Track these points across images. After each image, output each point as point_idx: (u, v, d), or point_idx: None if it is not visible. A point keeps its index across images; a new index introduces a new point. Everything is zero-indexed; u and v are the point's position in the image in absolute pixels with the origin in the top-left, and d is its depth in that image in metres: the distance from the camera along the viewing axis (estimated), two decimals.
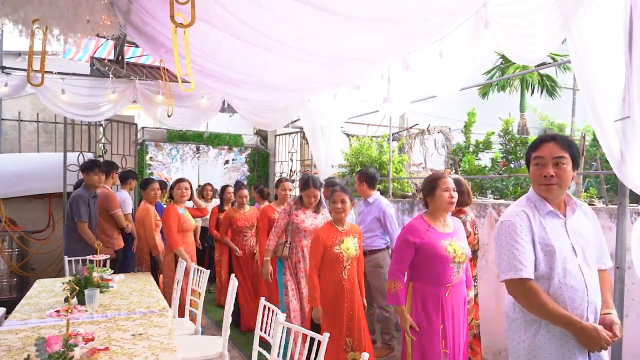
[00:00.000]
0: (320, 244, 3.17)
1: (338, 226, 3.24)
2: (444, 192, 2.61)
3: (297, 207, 3.79)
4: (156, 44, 3.72)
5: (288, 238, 3.78)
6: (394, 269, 2.65)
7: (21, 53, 9.81)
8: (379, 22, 2.90)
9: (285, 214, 3.79)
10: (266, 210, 4.39)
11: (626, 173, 2.19)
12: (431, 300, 2.57)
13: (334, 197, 3.21)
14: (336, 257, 3.15)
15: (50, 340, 1.83)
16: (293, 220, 3.75)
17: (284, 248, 3.77)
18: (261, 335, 2.59)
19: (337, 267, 3.16)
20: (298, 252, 3.77)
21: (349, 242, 3.20)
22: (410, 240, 2.58)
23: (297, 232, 3.75)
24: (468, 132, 7.13)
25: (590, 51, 2.29)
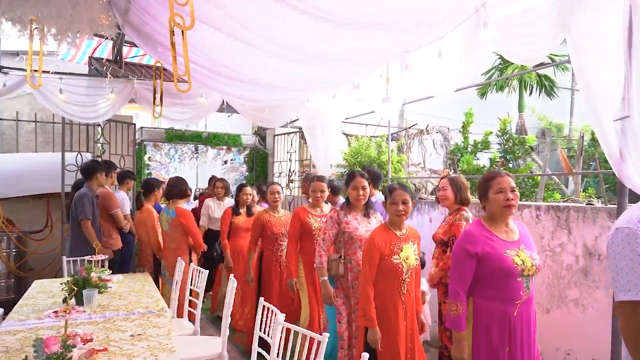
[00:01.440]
0: (376, 251, 2.64)
1: (396, 230, 2.72)
2: (498, 194, 2.25)
3: (346, 212, 3.15)
4: (154, 43, 3.71)
5: (341, 252, 3.11)
6: (455, 287, 2.25)
7: (19, 53, 9.78)
8: (378, 24, 2.91)
9: (334, 222, 3.13)
10: (298, 212, 3.72)
11: (625, 173, 2.19)
12: (497, 321, 2.18)
13: (394, 197, 2.70)
14: (394, 269, 2.63)
15: (48, 341, 1.82)
16: (344, 229, 3.09)
17: (339, 265, 3.09)
18: (260, 335, 2.58)
19: (395, 280, 2.64)
20: (354, 268, 3.07)
21: (409, 250, 2.69)
22: (471, 251, 2.21)
23: (350, 242, 3.07)
24: (466, 132, 7.14)
25: (590, 50, 2.29)
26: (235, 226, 4.76)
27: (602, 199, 3.74)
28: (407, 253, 2.67)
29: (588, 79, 2.30)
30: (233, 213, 4.78)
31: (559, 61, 9.84)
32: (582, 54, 2.31)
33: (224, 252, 4.70)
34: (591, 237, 3.04)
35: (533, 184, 6.23)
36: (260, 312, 2.60)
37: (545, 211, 3.36)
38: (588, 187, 7.10)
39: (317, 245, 3.16)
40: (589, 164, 8.10)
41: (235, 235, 4.76)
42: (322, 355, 1.99)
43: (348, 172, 3.27)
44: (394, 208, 2.70)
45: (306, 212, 3.70)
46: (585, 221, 3.08)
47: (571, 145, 10.83)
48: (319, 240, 3.17)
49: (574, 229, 3.15)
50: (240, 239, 4.75)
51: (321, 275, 3.11)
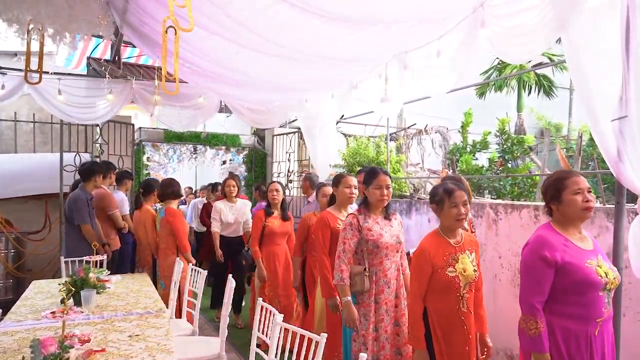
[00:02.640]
0: (427, 263, 2.28)
1: (450, 238, 2.35)
2: (576, 196, 1.97)
3: (366, 217, 2.78)
4: (152, 43, 3.70)
5: (365, 263, 2.72)
6: (531, 300, 1.93)
7: (17, 53, 9.76)
8: (378, 24, 2.91)
9: (354, 229, 2.73)
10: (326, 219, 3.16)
11: (623, 173, 2.19)
12: (575, 343, 1.90)
13: (455, 200, 2.30)
14: (450, 283, 2.27)
15: (46, 342, 1.81)
16: (367, 237, 2.71)
17: (364, 279, 2.70)
18: (259, 336, 2.58)
19: (452, 296, 2.28)
20: (380, 280, 2.72)
21: (466, 261, 2.32)
22: (549, 259, 1.90)
23: (376, 252, 2.71)
24: (465, 132, 7.15)
25: (587, 50, 2.29)
26: (270, 231, 4.21)
27: (601, 199, 3.74)
28: (464, 264, 2.30)
29: (585, 79, 2.30)
30: (265, 215, 4.26)
31: (558, 61, 9.85)
32: (578, 54, 2.31)
33: (256, 261, 4.20)
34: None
35: (532, 184, 6.23)
36: (258, 312, 2.59)
37: (544, 211, 3.36)
38: None
39: (336, 259, 2.74)
40: (587, 163, 8.10)
41: (270, 241, 4.23)
42: (320, 355, 1.99)
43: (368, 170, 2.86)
44: (454, 211, 2.30)
45: (334, 217, 3.20)
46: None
47: (570, 145, 10.84)
48: (338, 252, 2.74)
49: None
50: (275, 245, 4.24)
51: (344, 295, 2.68)
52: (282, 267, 4.25)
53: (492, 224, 3.74)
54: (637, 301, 2.78)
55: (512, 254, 3.54)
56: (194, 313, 3.56)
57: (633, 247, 2.23)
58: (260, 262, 4.19)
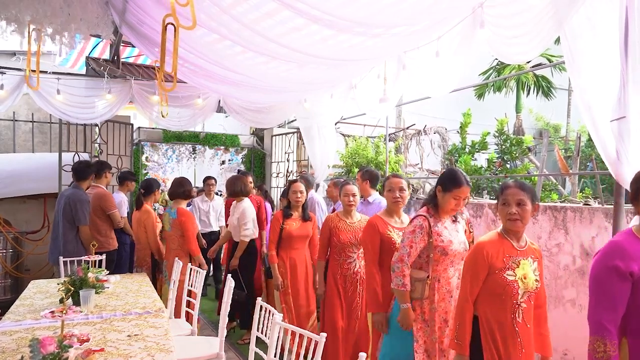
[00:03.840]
0: (483, 263, 2.09)
1: (513, 241, 2.15)
2: None
3: (436, 220, 2.56)
4: (152, 43, 3.70)
5: (429, 270, 2.53)
6: (600, 318, 1.69)
7: (16, 52, 9.74)
8: (377, 26, 2.91)
9: (424, 233, 2.50)
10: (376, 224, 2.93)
11: (622, 173, 2.19)
12: None
13: (506, 197, 2.12)
14: (507, 287, 2.06)
15: (45, 342, 1.81)
16: (436, 243, 2.50)
17: (425, 286, 2.51)
18: (258, 335, 2.58)
19: (507, 302, 2.08)
20: (442, 288, 2.53)
21: (528, 268, 2.12)
22: (623, 270, 1.65)
23: (443, 259, 2.52)
24: (464, 133, 7.16)
25: (585, 51, 2.30)
26: (287, 234, 3.89)
27: (599, 200, 3.75)
28: (525, 271, 2.10)
29: (583, 79, 2.30)
30: (284, 217, 3.94)
31: (556, 62, 9.86)
32: (577, 55, 2.31)
33: (272, 267, 3.88)
34: (588, 237, 3.05)
35: (530, 184, 6.23)
36: (257, 312, 2.59)
37: (543, 211, 3.37)
38: (585, 187, 7.13)
39: (399, 262, 2.50)
40: (586, 164, 8.13)
41: (288, 244, 3.91)
42: (320, 355, 1.99)
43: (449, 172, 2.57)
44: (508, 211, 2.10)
45: (384, 223, 2.95)
46: (582, 221, 3.09)
47: (568, 146, 10.86)
48: (401, 254, 2.50)
49: (571, 229, 3.16)
50: (293, 250, 3.92)
51: (403, 301, 2.50)
52: (303, 275, 3.92)
53: (491, 224, 3.74)
54: None
55: None
56: (193, 313, 3.56)
57: None
58: (275, 268, 3.85)
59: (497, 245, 2.13)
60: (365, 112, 4.61)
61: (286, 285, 3.89)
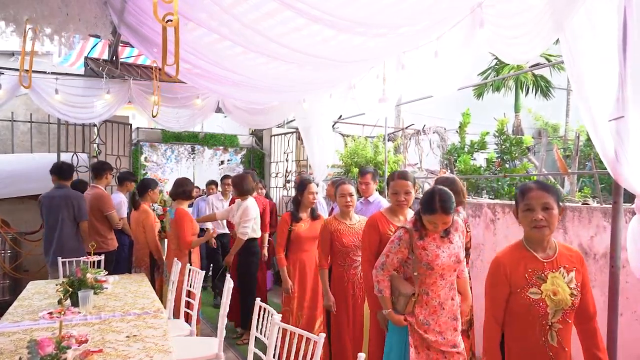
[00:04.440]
0: (503, 281, 1.86)
1: (537, 251, 1.88)
2: None
3: (422, 234, 2.42)
4: (150, 43, 3.70)
5: (415, 286, 2.41)
6: None
7: (14, 53, 9.73)
8: (376, 26, 2.90)
9: (402, 245, 2.42)
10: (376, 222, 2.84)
11: (620, 173, 2.20)
12: None
13: (530, 202, 1.85)
14: (532, 308, 1.81)
15: (43, 343, 1.80)
16: (421, 257, 2.38)
17: (409, 303, 2.41)
18: (257, 335, 2.57)
19: (535, 325, 1.82)
20: (432, 301, 2.40)
21: (559, 281, 1.83)
22: None
23: (430, 273, 2.37)
24: (463, 133, 7.17)
25: (583, 51, 2.30)
26: (296, 235, 3.72)
27: (598, 199, 3.75)
28: (556, 285, 1.81)
29: (582, 79, 2.30)
30: (292, 219, 3.76)
31: (555, 61, 9.87)
32: (576, 55, 2.31)
33: (281, 270, 3.71)
34: (587, 236, 3.05)
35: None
36: (256, 312, 2.59)
37: None
38: (584, 187, 7.13)
39: (375, 268, 2.49)
40: (584, 164, 8.13)
41: (297, 247, 3.74)
42: (318, 355, 1.99)
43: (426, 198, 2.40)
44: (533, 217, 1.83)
45: (386, 221, 2.84)
46: (581, 221, 3.09)
47: (567, 146, 10.87)
48: (378, 262, 2.49)
49: (570, 229, 3.16)
50: (303, 252, 3.75)
51: (385, 307, 2.47)
52: (311, 279, 3.75)
53: (490, 224, 3.74)
54: (634, 301, 2.79)
55: None
56: (192, 313, 3.56)
57: (631, 247, 2.23)
58: (284, 271, 3.69)
59: (516, 259, 1.87)
60: (364, 112, 4.61)
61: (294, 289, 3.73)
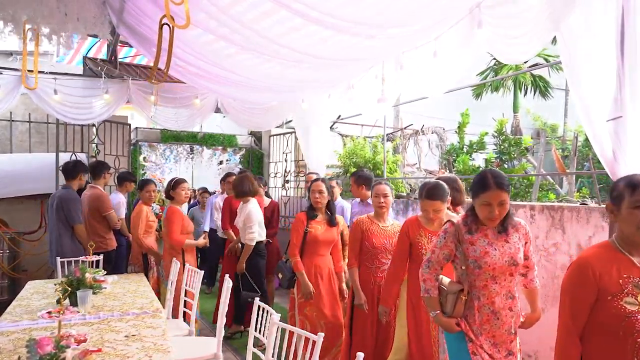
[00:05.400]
0: (590, 285, 1.64)
1: (634, 255, 1.66)
2: None
3: (471, 228, 2.17)
4: (149, 43, 3.70)
5: (464, 284, 2.15)
6: None
7: (12, 53, 9.72)
8: (376, 27, 2.91)
9: (447, 239, 2.20)
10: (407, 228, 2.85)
11: (619, 173, 2.20)
12: None
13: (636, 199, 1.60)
14: (626, 320, 1.58)
15: (42, 342, 1.80)
16: (468, 254, 2.13)
17: (458, 302, 2.14)
18: (255, 335, 2.58)
19: (626, 341, 1.58)
20: (484, 307, 2.11)
21: None
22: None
23: (478, 272, 2.11)
24: (462, 133, 7.18)
25: (581, 51, 2.31)
26: (313, 238, 3.51)
27: (596, 199, 3.76)
28: None
29: (580, 79, 2.31)
30: (308, 218, 3.57)
31: (553, 62, 9.90)
32: (573, 54, 2.32)
33: (298, 274, 3.49)
34: (585, 236, 3.06)
35: (528, 184, 6.26)
36: (255, 312, 2.59)
37: (540, 211, 3.38)
38: (582, 187, 7.15)
39: (420, 267, 2.31)
40: (582, 164, 8.15)
41: (312, 250, 3.53)
42: (317, 355, 1.99)
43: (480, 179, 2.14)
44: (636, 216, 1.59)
45: (418, 226, 2.81)
46: (579, 221, 3.10)
47: (565, 146, 10.90)
48: (424, 260, 2.30)
49: (568, 229, 3.17)
50: (318, 256, 3.52)
51: (431, 309, 2.23)
52: (326, 283, 3.57)
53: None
54: None
55: None
56: (190, 313, 3.56)
57: None
58: (303, 275, 3.47)
59: (608, 261, 1.63)
60: (361, 113, 4.61)
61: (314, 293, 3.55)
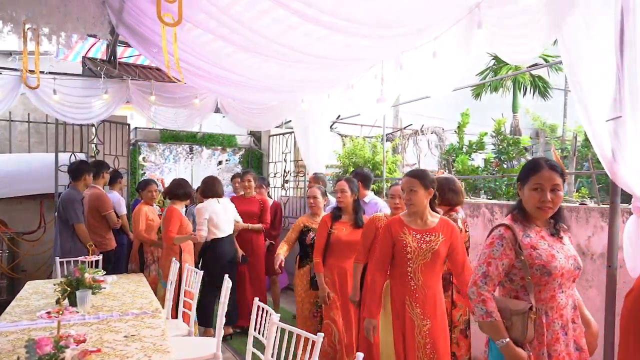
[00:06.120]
0: None
1: None
2: None
3: (525, 227, 1.91)
4: (148, 43, 3.69)
5: (530, 297, 1.82)
6: None
7: (12, 52, 9.71)
8: (376, 27, 2.91)
9: (506, 245, 1.86)
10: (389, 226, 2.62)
11: (618, 173, 2.21)
12: None
13: None
14: None
15: (41, 342, 1.80)
16: (531, 259, 1.82)
17: (528, 322, 1.78)
18: (255, 335, 2.57)
19: None
20: (554, 323, 1.82)
21: None
22: None
23: (545, 281, 1.81)
24: (462, 133, 7.18)
25: (581, 51, 2.31)
26: (336, 239, 3.39)
27: (595, 199, 3.76)
28: None
29: (579, 79, 2.31)
30: (332, 219, 3.46)
31: (552, 62, 9.90)
32: (573, 55, 2.32)
33: (317, 276, 3.41)
34: (584, 236, 3.06)
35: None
36: (255, 312, 2.59)
37: None
38: (581, 187, 7.15)
39: (473, 285, 1.87)
40: (582, 164, 8.15)
41: (337, 252, 3.41)
42: (317, 355, 1.99)
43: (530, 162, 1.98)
44: None
45: (401, 224, 2.59)
46: (578, 221, 3.10)
47: (565, 146, 10.90)
48: (476, 276, 1.87)
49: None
50: (344, 258, 3.39)
51: (498, 337, 1.80)
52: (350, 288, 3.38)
53: (488, 224, 3.75)
54: None
55: None
56: (190, 313, 3.56)
57: (627, 247, 2.24)
58: (321, 277, 3.38)
59: None
60: (360, 113, 4.61)
61: (333, 298, 3.41)
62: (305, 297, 3.76)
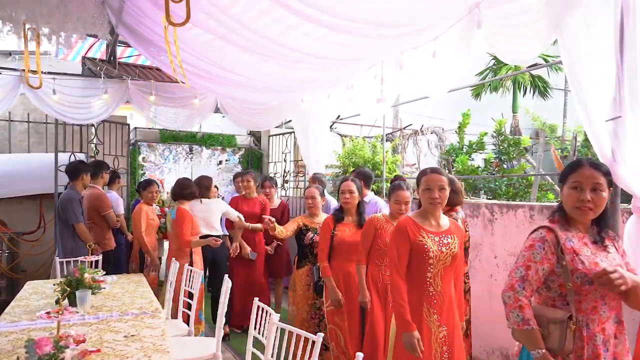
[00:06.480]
0: None
1: None
2: None
3: (567, 232, 1.79)
4: (148, 43, 3.70)
5: (569, 307, 1.70)
6: None
7: (11, 52, 9.70)
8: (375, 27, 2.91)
9: (548, 249, 1.74)
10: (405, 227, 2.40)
11: (618, 173, 2.20)
12: None
13: None
14: None
15: (40, 342, 1.80)
16: (573, 265, 1.70)
17: (567, 333, 1.66)
18: (255, 335, 2.57)
19: None
20: (595, 337, 1.69)
21: None
22: None
23: (588, 289, 1.69)
24: (462, 133, 7.18)
25: (581, 51, 2.31)
26: (340, 241, 3.34)
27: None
28: None
29: (579, 79, 2.32)
30: (335, 221, 3.41)
31: (552, 62, 9.90)
32: (573, 55, 2.33)
33: (326, 280, 3.34)
34: None
35: (527, 184, 6.27)
36: (254, 312, 2.59)
37: (539, 211, 3.38)
38: None
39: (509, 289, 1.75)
40: None
41: (341, 254, 3.35)
42: (317, 355, 1.99)
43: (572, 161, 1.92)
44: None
45: (417, 226, 2.40)
46: None
47: (564, 146, 10.91)
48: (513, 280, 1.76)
49: None
50: (349, 261, 3.30)
51: (533, 347, 1.69)
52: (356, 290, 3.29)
53: (488, 224, 3.75)
54: None
55: (507, 253, 3.56)
56: (190, 313, 3.55)
57: (628, 247, 2.24)
58: (331, 281, 3.29)
59: None
60: (359, 113, 4.61)
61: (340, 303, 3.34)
62: (303, 299, 3.74)
